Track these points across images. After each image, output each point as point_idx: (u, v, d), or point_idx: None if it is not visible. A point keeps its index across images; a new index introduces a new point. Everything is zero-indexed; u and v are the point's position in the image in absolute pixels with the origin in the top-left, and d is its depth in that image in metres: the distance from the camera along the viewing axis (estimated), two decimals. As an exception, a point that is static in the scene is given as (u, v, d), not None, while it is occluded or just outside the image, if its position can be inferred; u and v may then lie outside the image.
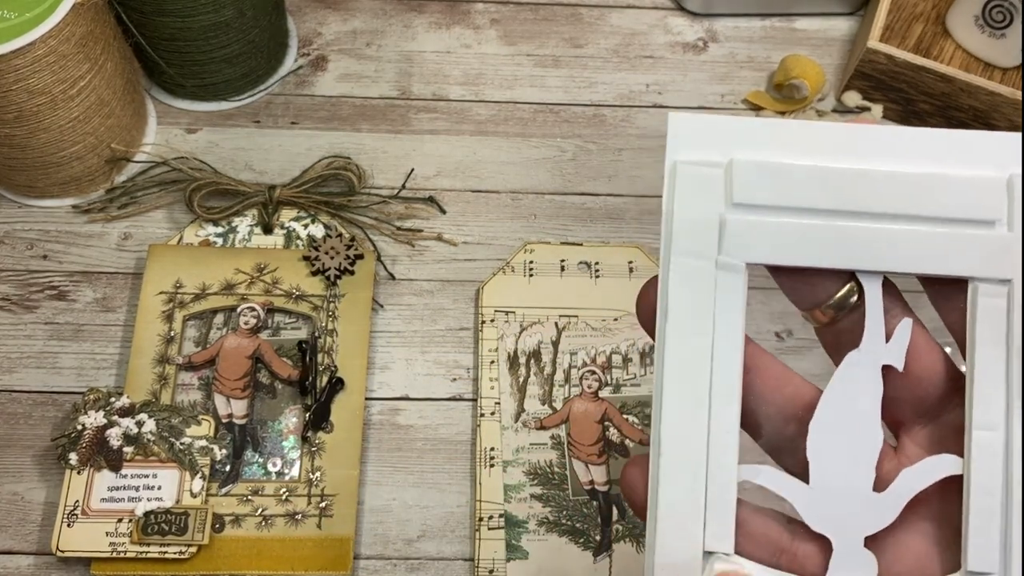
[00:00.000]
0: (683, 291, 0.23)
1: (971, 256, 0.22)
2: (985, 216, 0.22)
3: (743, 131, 0.22)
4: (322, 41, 0.67)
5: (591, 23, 0.70)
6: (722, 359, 0.22)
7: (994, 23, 0.65)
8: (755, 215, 0.22)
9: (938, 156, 0.22)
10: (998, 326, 0.22)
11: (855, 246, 0.22)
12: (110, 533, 0.48)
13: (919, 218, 0.22)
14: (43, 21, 0.50)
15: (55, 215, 0.59)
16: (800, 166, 0.22)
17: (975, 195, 0.22)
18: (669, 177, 0.23)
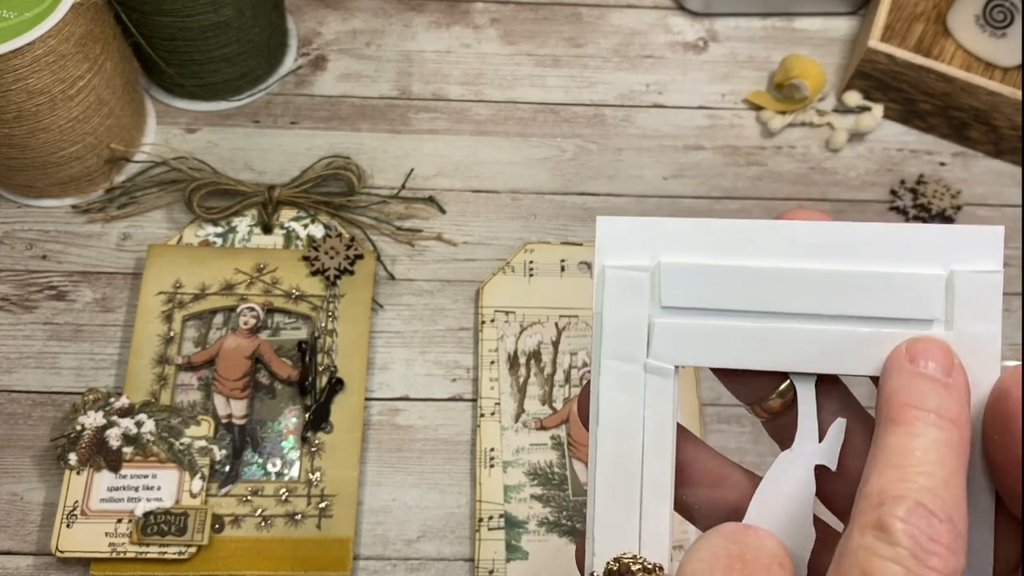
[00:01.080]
0: (613, 394, 0.23)
1: None
2: (922, 315, 0.21)
3: (671, 233, 0.22)
4: (322, 41, 0.67)
5: (591, 23, 0.70)
6: (653, 460, 0.22)
7: (995, 23, 0.65)
8: (683, 318, 0.22)
9: (874, 252, 0.21)
10: None
11: (786, 347, 0.22)
12: (109, 533, 0.48)
13: (852, 318, 0.21)
14: (42, 21, 0.50)
15: (54, 215, 0.59)
16: (727, 267, 0.22)
17: (911, 294, 0.21)
18: (598, 280, 0.23)
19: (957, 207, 0.62)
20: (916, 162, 0.65)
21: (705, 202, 0.62)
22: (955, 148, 0.66)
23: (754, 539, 0.20)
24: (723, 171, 0.64)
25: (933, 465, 0.18)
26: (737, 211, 0.62)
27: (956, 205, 0.62)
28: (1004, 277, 0.64)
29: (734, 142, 0.65)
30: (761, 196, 0.63)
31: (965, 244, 0.21)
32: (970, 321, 0.21)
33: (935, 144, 0.66)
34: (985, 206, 0.63)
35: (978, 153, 0.65)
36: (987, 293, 0.21)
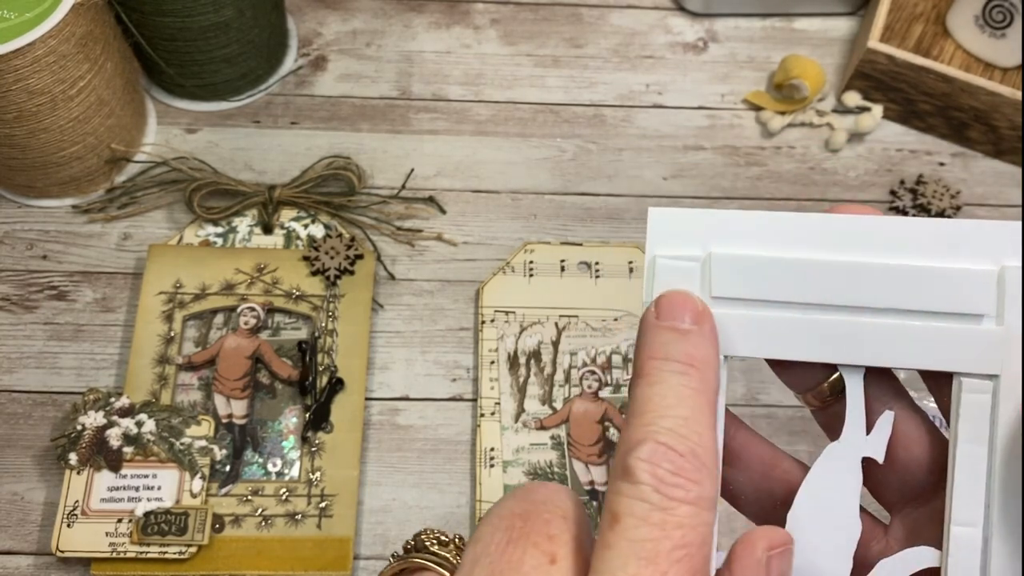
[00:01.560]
0: None
1: (956, 351, 0.21)
2: (972, 310, 0.21)
3: (721, 224, 0.22)
4: (322, 41, 0.67)
5: (591, 23, 0.70)
6: None
7: (994, 23, 0.65)
8: (734, 308, 0.22)
9: (924, 247, 0.21)
10: (981, 423, 0.21)
11: (835, 340, 0.22)
12: (110, 533, 0.48)
13: (902, 312, 0.22)
14: (43, 21, 0.50)
15: (55, 215, 0.59)
16: (778, 259, 0.22)
17: (962, 288, 0.21)
18: (648, 270, 0.23)
19: (956, 207, 0.62)
20: (915, 162, 0.65)
21: (705, 202, 0.62)
22: (954, 148, 0.66)
23: (542, 494, 0.20)
24: (723, 171, 0.64)
25: (672, 408, 0.19)
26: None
27: (955, 205, 0.62)
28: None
29: (734, 142, 0.65)
30: (761, 196, 0.63)
31: (1016, 239, 0.21)
32: (1019, 317, 0.21)
33: (934, 144, 0.66)
34: (985, 206, 0.63)
35: (977, 153, 0.66)
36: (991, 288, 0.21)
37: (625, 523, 0.18)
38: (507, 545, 0.19)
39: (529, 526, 0.19)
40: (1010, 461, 0.21)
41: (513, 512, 0.20)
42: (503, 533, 0.19)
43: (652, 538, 0.18)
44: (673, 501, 0.18)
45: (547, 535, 0.19)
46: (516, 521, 0.19)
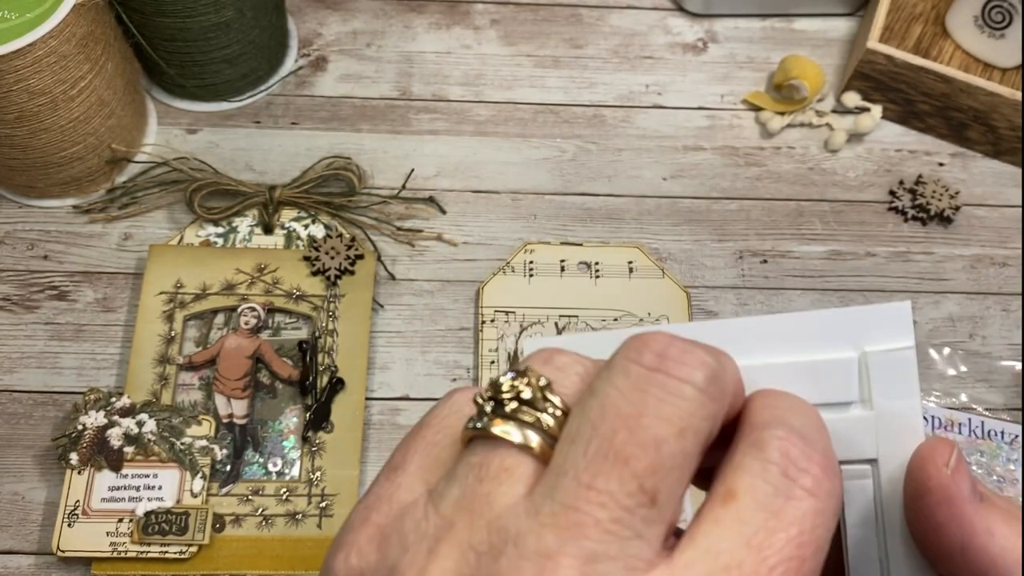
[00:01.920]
0: None
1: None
2: (839, 399, 0.21)
3: (595, 347, 0.22)
4: (322, 42, 0.68)
5: (591, 24, 0.70)
6: None
7: (993, 24, 0.65)
8: None
9: (785, 343, 0.21)
10: (866, 507, 0.21)
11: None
12: (111, 533, 0.48)
13: None
14: (43, 22, 0.50)
15: (56, 215, 0.59)
16: None
17: (825, 379, 0.21)
18: None
19: (956, 207, 0.62)
20: (915, 163, 0.65)
21: (704, 203, 0.63)
22: (954, 149, 0.66)
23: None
24: (722, 172, 0.64)
25: (801, 410, 0.19)
26: (736, 211, 0.62)
27: (955, 206, 0.62)
28: (1004, 277, 0.64)
29: (733, 143, 0.65)
30: (760, 196, 0.63)
31: (875, 323, 0.21)
32: (888, 399, 0.21)
33: (934, 145, 0.66)
34: (984, 206, 0.64)
35: (977, 154, 0.66)
36: (901, 369, 0.21)
37: (742, 502, 0.17)
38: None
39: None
40: (902, 541, 0.21)
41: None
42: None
43: (767, 527, 0.16)
44: (798, 489, 0.17)
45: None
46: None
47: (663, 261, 0.60)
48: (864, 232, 0.62)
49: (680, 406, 0.17)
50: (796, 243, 0.61)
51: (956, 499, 0.19)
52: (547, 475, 0.17)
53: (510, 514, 0.17)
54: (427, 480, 0.19)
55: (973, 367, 0.57)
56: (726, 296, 0.59)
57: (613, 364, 0.18)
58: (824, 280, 0.60)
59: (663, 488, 0.17)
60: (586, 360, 0.20)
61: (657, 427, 0.17)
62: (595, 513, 0.16)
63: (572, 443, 0.17)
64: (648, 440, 0.17)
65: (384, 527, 0.18)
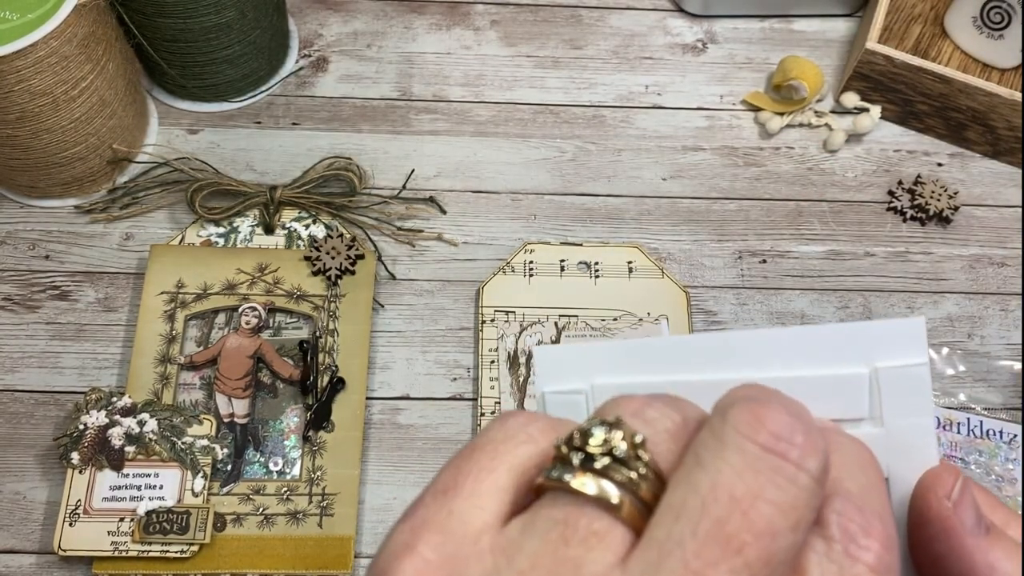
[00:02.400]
0: None
1: None
2: (850, 415, 0.21)
3: (603, 356, 0.22)
4: (323, 42, 0.68)
5: (591, 24, 0.70)
6: None
7: (992, 24, 0.65)
8: None
9: (797, 358, 0.21)
10: None
11: None
12: (112, 532, 0.48)
13: None
14: (45, 22, 0.50)
15: (57, 215, 0.59)
16: (657, 383, 0.22)
17: (837, 395, 0.21)
18: (539, 406, 0.23)
19: (955, 208, 0.63)
20: (913, 163, 0.65)
21: (703, 203, 0.63)
22: (952, 149, 0.66)
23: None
24: (721, 172, 0.64)
25: (853, 473, 0.18)
26: (735, 211, 0.62)
27: (953, 206, 0.63)
28: (1002, 277, 0.64)
29: (732, 143, 0.65)
30: (759, 196, 0.63)
31: (887, 339, 0.21)
32: (900, 416, 0.21)
33: (932, 145, 0.66)
34: (982, 206, 0.64)
35: (975, 154, 0.66)
36: (914, 386, 0.21)
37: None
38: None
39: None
40: (906, 560, 0.21)
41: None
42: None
43: None
44: (860, 566, 0.16)
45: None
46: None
47: (663, 261, 0.60)
48: (863, 232, 0.62)
49: (796, 496, 0.16)
50: (795, 243, 0.62)
51: (955, 532, 0.19)
52: (645, 548, 0.16)
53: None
54: (484, 509, 0.17)
55: (972, 367, 0.57)
56: (725, 296, 0.59)
57: (724, 437, 0.17)
58: (823, 280, 0.60)
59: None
60: (675, 415, 0.18)
61: (773, 516, 0.16)
62: None
63: (677, 519, 0.16)
64: (764, 529, 0.16)
65: (439, 564, 0.16)
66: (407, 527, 0.17)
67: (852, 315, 0.59)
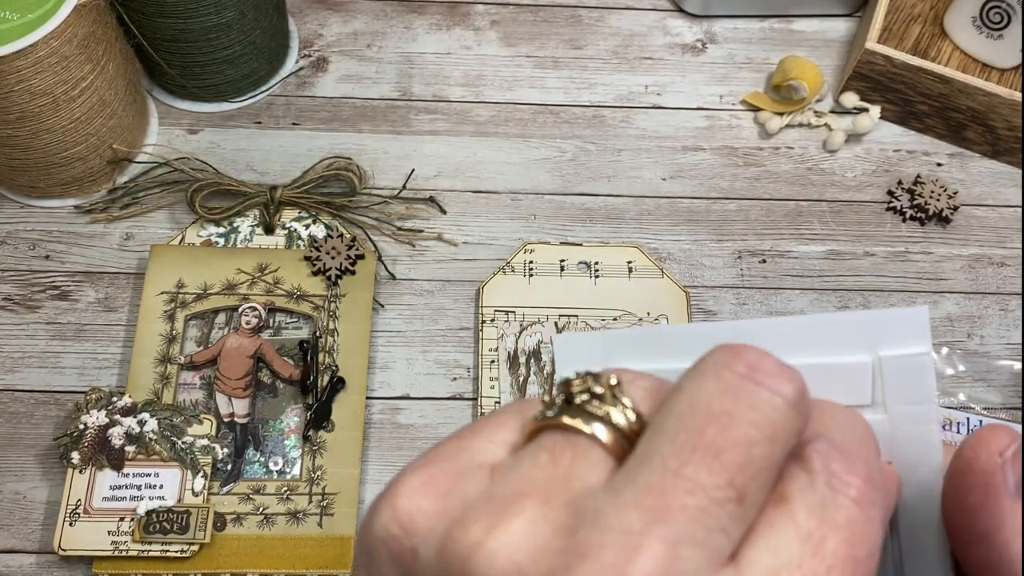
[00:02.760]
0: None
1: None
2: (853, 402, 0.21)
3: (619, 343, 0.23)
4: (323, 42, 0.68)
5: (590, 25, 0.70)
6: None
7: (991, 24, 0.65)
8: None
9: (803, 345, 0.21)
10: None
11: None
12: (112, 532, 0.48)
13: None
14: (45, 22, 0.50)
15: (57, 215, 0.59)
16: (668, 370, 0.22)
17: (840, 383, 0.21)
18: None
19: (954, 207, 0.63)
20: (913, 163, 0.65)
21: (703, 203, 0.63)
22: (952, 149, 0.66)
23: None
24: (721, 172, 0.64)
25: (842, 425, 0.19)
26: (735, 211, 0.63)
27: (953, 206, 0.63)
28: (1002, 277, 0.64)
29: (732, 143, 0.65)
30: (759, 196, 0.63)
31: (891, 328, 0.21)
32: (903, 404, 0.21)
33: (932, 145, 0.66)
34: (982, 206, 0.64)
35: (975, 154, 0.66)
36: (917, 375, 0.21)
37: (794, 505, 0.17)
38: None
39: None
40: (916, 545, 0.21)
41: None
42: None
43: (819, 531, 0.17)
44: (843, 498, 0.17)
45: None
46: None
47: (662, 261, 0.60)
48: (862, 232, 0.62)
49: (770, 415, 0.17)
50: (795, 243, 0.62)
51: (995, 488, 0.19)
52: (628, 464, 0.17)
53: (588, 493, 0.16)
54: (493, 450, 0.19)
55: (971, 366, 0.57)
56: (725, 296, 0.59)
57: (701, 368, 0.18)
58: (823, 280, 0.60)
59: (751, 489, 0.16)
60: (652, 379, 0.20)
61: (748, 429, 0.17)
62: (682, 499, 0.16)
63: (656, 434, 0.17)
64: (740, 438, 0.16)
65: (443, 480, 0.18)
66: (422, 456, 0.19)
67: (852, 315, 0.59)
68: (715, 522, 0.16)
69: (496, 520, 0.16)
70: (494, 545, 0.16)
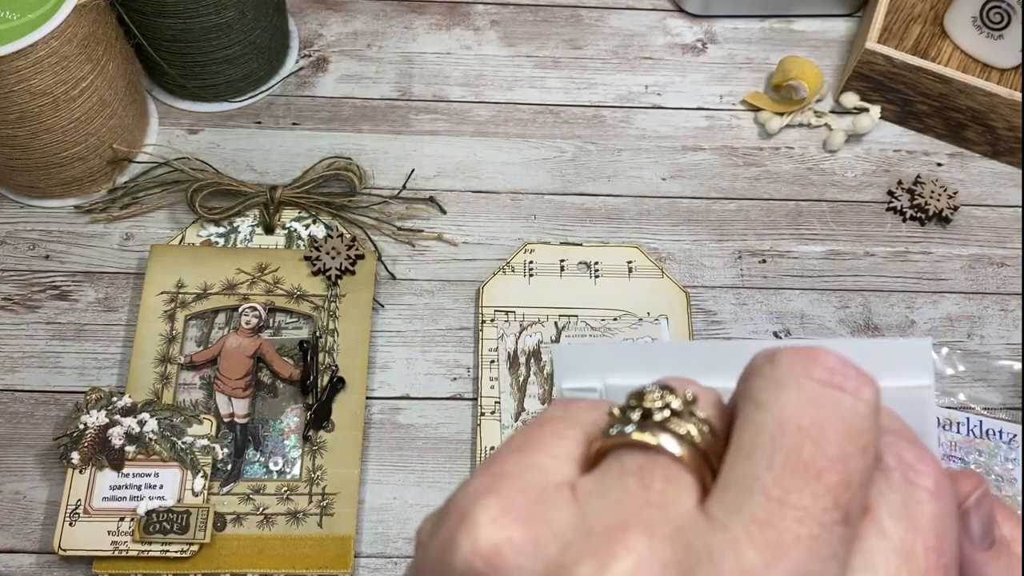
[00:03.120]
0: None
1: None
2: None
3: (618, 356, 0.23)
4: (323, 42, 0.68)
5: (590, 24, 0.70)
6: None
7: (991, 24, 0.65)
8: None
9: None
10: None
11: None
12: (112, 532, 0.48)
13: None
14: (45, 22, 0.50)
15: (57, 215, 0.59)
16: None
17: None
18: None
19: (954, 208, 0.63)
20: (913, 163, 0.65)
21: (703, 203, 0.63)
22: (952, 149, 0.66)
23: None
24: (721, 172, 0.64)
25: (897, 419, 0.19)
26: (735, 211, 0.62)
27: (953, 206, 0.63)
28: (1002, 277, 0.64)
29: (732, 143, 0.65)
30: (759, 196, 0.63)
31: (892, 359, 0.20)
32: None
33: (932, 145, 0.66)
34: (982, 206, 0.64)
35: (975, 154, 0.66)
36: (918, 408, 0.20)
37: (878, 514, 0.16)
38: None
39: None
40: None
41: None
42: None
43: (908, 538, 0.16)
44: (921, 492, 0.16)
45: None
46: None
47: (662, 261, 0.60)
48: (862, 232, 0.62)
49: (858, 425, 0.16)
50: (795, 243, 0.62)
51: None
52: (722, 491, 0.16)
53: (693, 527, 0.16)
54: (561, 468, 0.17)
55: (971, 366, 0.57)
56: (725, 296, 0.59)
57: (779, 379, 0.17)
58: (823, 280, 0.60)
59: (853, 507, 0.16)
60: (713, 390, 0.19)
61: (842, 443, 0.16)
62: (795, 529, 0.15)
63: (749, 457, 0.16)
64: (837, 454, 0.16)
65: (524, 506, 0.16)
66: (487, 474, 0.17)
67: (852, 315, 0.59)
68: (828, 549, 0.15)
69: (604, 560, 0.15)
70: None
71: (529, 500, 0.16)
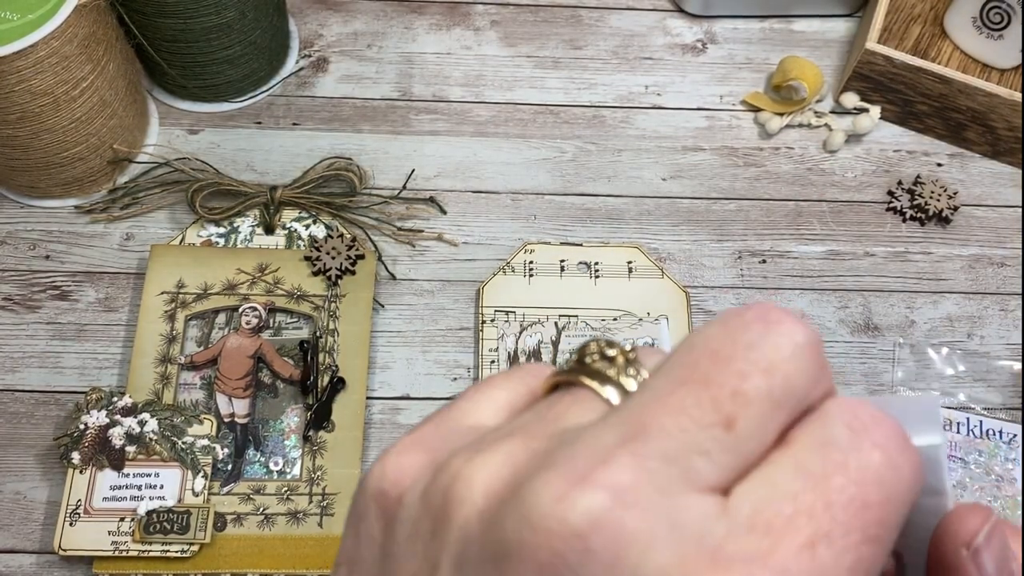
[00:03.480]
0: None
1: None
2: None
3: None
4: (323, 43, 0.68)
5: (590, 25, 0.70)
6: None
7: (991, 24, 0.65)
8: None
9: None
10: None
11: None
12: (112, 532, 0.48)
13: None
14: (46, 22, 0.50)
15: (58, 215, 0.59)
16: None
17: None
18: None
19: (954, 208, 0.63)
20: (913, 163, 0.65)
21: (703, 203, 0.63)
22: (952, 149, 0.66)
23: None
24: (721, 172, 0.64)
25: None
26: (735, 211, 0.63)
27: (953, 206, 0.63)
28: (1002, 277, 0.64)
29: (732, 143, 0.65)
30: (759, 197, 0.63)
31: (902, 417, 0.19)
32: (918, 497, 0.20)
33: (932, 145, 0.66)
34: (982, 207, 0.64)
35: (975, 154, 0.66)
36: (933, 467, 0.19)
37: (797, 445, 0.16)
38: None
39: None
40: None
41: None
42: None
43: (824, 468, 0.15)
44: (865, 441, 0.16)
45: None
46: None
47: (662, 261, 0.60)
48: (862, 232, 0.62)
49: (770, 355, 0.16)
50: (795, 243, 0.62)
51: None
52: (621, 404, 0.17)
53: (575, 429, 0.16)
54: (483, 414, 0.19)
55: (971, 367, 0.57)
56: (725, 296, 0.59)
57: (722, 316, 0.17)
58: (822, 280, 0.60)
59: (742, 416, 0.15)
60: (665, 351, 0.19)
61: (743, 364, 0.16)
62: (662, 420, 0.15)
63: (654, 375, 0.17)
64: (732, 371, 0.16)
65: (433, 436, 0.18)
66: (415, 425, 0.19)
67: (852, 315, 0.59)
68: (694, 443, 0.15)
69: (476, 454, 0.16)
70: (470, 471, 0.16)
71: (441, 432, 0.18)
